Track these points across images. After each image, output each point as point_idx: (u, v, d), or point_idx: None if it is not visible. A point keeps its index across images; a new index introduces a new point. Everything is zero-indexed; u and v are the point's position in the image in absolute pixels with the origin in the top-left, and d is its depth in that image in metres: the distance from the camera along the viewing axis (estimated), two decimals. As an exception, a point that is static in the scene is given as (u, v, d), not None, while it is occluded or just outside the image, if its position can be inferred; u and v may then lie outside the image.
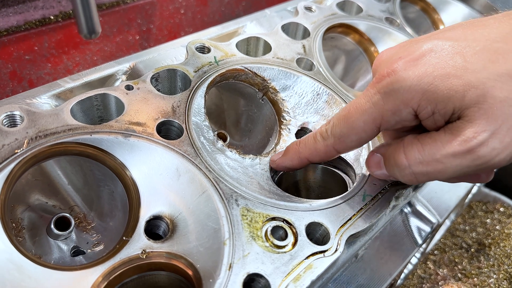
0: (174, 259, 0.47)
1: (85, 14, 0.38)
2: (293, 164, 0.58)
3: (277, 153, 0.61)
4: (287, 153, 0.58)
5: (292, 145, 0.58)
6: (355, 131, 0.50)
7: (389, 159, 0.50)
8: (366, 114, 0.48)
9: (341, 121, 0.51)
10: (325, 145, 0.53)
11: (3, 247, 0.43)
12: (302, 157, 0.56)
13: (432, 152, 0.46)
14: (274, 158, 0.60)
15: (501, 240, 1.08)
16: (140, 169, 0.51)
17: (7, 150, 0.47)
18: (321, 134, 0.54)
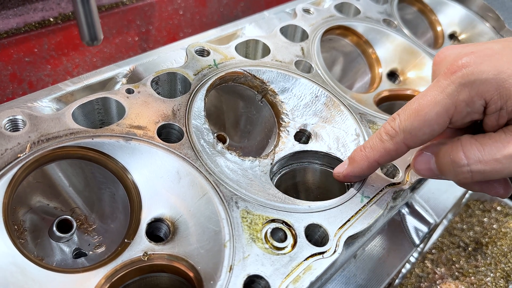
0: (176, 261, 0.48)
1: (87, 21, 0.39)
2: (363, 171, 0.56)
3: (341, 165, 0.58)
4: (354, 162, 0.56)
5: (356, 153, 0.56)
6: (428, 124, 0.50)
7: (444, 157, 0.51)
8: (439, 105, 0.48)
9: (411, 115, 0.50)
10: (395, 142, 0.52)
11: (7, 250, 0.43)
12: (371, 161, 0.55)
13: (493, 152, 0.47)
14: (340, 170, 0.58)
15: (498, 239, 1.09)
16: (141, 172, 0.52)
17: (10, 154, 0.48)
18: (387, 133, 0.53)
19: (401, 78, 0.84)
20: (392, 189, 0.58)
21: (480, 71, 0.47)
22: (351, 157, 0.57)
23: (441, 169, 0.52)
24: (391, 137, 0.52)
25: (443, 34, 0.96)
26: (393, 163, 0.60)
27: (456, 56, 0.50)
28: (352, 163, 0.56)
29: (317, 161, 0.66)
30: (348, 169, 0.57)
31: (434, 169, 0.53)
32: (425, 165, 0.53)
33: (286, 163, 0.66)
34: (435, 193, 0.72)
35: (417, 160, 0.54)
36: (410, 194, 0.65)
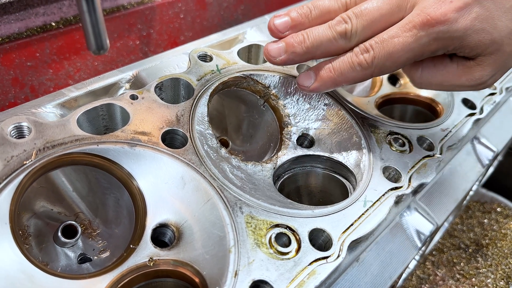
0: (181, 267, 0.48)
1: (94, 30, 0.39)
2: (327, 89, 0.61)
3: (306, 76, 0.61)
4: (321, 80, 0.59)
5: (325, 72, 0.59)
6: (396, 64, 0.56)
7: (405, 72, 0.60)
8: (411, 52, 0.55)
9: (385, 55, 0.55)
10: (363, 74, 0.57)
11: (15, 257, 0.44)
12: (337, 84, 0.59)
13: (442, 80, 0.58)
14: (306, 83, 0.60)
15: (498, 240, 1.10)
16: (146, 178, 0.52)
17: (16, 161, 0.48)
18: (360, 64, 0.56)
19: (402, 81, 0.85)
20: (395, 193, 0.58)
21: (454, 30, 0.53)
22: (319, 74, 0.60)
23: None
24: (363, 69, 0.57)
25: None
26: (395, 167, 0.61)
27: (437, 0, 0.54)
28: (320, 81, 0.59)
29: (319, 165, 0.67)
30: (315, 85, 0.60)
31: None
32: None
33: (289, 167, 0.66)
34: (436, 197, 0.73)
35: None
36: (412, 198, 0.65)
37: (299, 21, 0.60)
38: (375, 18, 0.57)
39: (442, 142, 0.68)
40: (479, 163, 0.84)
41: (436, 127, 0.70)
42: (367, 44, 0.56)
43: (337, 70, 0.58)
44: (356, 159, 0.63)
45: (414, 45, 0.54)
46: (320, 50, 0.59)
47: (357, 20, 0.57)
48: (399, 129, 0.67)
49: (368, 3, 0.58)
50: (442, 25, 0.53)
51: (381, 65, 0.56)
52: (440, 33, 0.53)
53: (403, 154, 0.64)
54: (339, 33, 0.57)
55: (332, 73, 0.58)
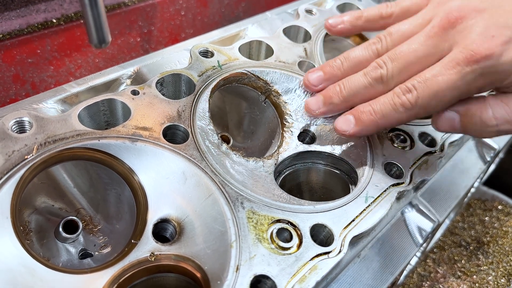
0: (182, 262, 0.48)
1: (96, 24, 0.39)
2: (369, 133, 0.59)
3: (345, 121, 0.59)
4: (362, 123, 0.57)
5: (365, 115, 0.57)
6: (442, 103, 0.54)
7: (472, 117, 0.54)
8: (457, 90, 0.52)
9: (430, 94, 0.53)
10: (408, 115, 0.55)
11: (16, 251, 0.44)
12: (380, 127, 0.57)
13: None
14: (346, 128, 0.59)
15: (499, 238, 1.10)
16: (147, 173, 0.52)
17: (17, 156, 0.48)
18: (403, 105, 0.54)
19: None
20: (396, 189, 0.58)
21: (501, 63, 0.50)
22: (359, 118, 0.58)
23: (467, 127, 0.55)
24: (407, 110, 0.54)
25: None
26: (397, 163, 0.61)
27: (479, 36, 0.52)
28: (360, 125, 0.58)
29: (320, 161, 0.66)
30: (355, 130, 0.58)
31: (457, 127, 0.56)
32: (449, 123, 0.56)
33: (290, 163, 0.66)
34: (437, 193, 0.73)
35: (441, 118, 0.56)
36: (413, 194, 0.65)
37: (332, 73, 0.62)
38: (411, 60, 0.56)
39: (443, 139, 0.68)
40: (480, 160, 0.84)
41: (438, 123, 0.70)
42: (409, 84, 0.54)
43: (378, 113, 0.56)
44: (357, 155, 0.63)
45: (460, 82, 0.52)
46: (358, 98, 0.58)
47: (392, 64, 0.56)
48: (400, 126, 0.67)
49: (403, 46, 0.57)
50: (487, 60, 0.50)
51: (426, 104, 0.54)
52: (486, 68, 0.51)
53: (405, 151, 0.64)
54: (374, 79, 0.57)
55: (373, 116, 0.56)
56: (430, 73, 0.53)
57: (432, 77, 0.53)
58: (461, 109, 0.55)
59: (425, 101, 0.53)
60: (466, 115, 0.55)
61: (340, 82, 0.60)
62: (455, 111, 0.55)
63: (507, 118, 0.53)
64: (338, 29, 0.69)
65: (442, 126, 0.57)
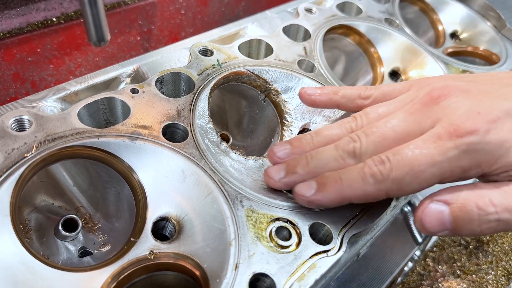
0: (181, 260, 0.48)
1: (95, 22, 0.39)
2: (331, 204, 0.51)
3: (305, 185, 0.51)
4: (325, 189, 0.50)
5: (329, 180, 0.50)
6: (418, 181, 0.46)
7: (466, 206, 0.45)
8: (436, 167, 0.46)
9: (405, 167, 0.46)
10: (377, 189, 0.47)
11: (15, 249, 0.44)
12: (344, 198, 0.50)
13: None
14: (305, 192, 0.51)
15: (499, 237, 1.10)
16: (147, 172, 0.52)
17: (17, 154, 0.48)
18: (373, 175, 0.47)
19: (403, 77, 0.85)
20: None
21: (486, 142, 0.45)
22: (321, 183, 0.50)
23: (459, 221, 0.45)
24: (377, 182, 0.47)
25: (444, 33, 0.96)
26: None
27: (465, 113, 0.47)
28: (322, 190, 0.50)
29: (320, 160, 0.66)
30: (316, 197, 0.50)
31: (447, 222, 0.46)
32: (436, 217, 0.46)
33: (290, 162, 0.66)
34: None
35: (427, 213, 0.47)
36: (412, 193, 0.65)
37: (300, 147, 0.55)
38: (388, 135, 0.50)
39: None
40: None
41: (437, 122, 0.70)
42: (383, 156, 0.48)
43: (345, 181, 0.49)
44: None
45: (440, 158, 0.45)
46: (326, 170, 0.51)
47: (367, 139, 0.50)
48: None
49: (380, 122, 0.51)
50: (472, 135, 0.45)
51: (399, 179, 0.46)
52: (471, 145, 0.45)
53: (404, 149, 0.64)
54: (346, 152, 0.51)
55: (338, 184, 0.49)
56: (407, 147, 0.47)
57: (408, 150, 0.46)
58: (449, 198, 0.46)
59: (399, 174, 0.46)
60: (457, 204, 0.45)
61: (308, 153, 0.54)
62: (443, 202, 0.46)
63: (506, 204, 0.44)
64: (312, 99, 0.61)
65: (429, 222, 0.47)
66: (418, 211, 0.48)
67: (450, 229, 0.46)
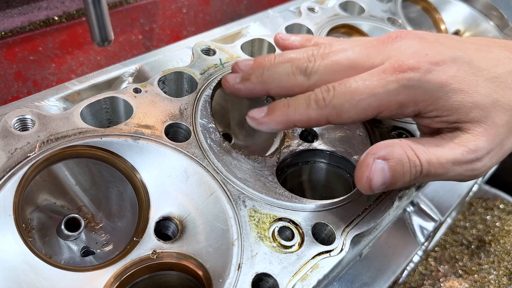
0: (184, 260, 0.48)
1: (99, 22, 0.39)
2: (278, 127, 0.55)
3: (258, 110, 0.56)
4: (273, 113, 0.54)
5: (278, 105, 0.55)
6: (355, 109, 0.50)
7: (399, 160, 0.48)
8: (375, 97, 0.49)
9: (345, 95, 0.50)
10: (318, 114, 0.52)
11: (19, 249, 0.44)
12: (289, 120, 0.54)
13: (437, 155, 0.48)
14: (256, 115, 0.56)
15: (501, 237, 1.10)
16: (150, 171, 0.52)
17: (20, 153, 0.48)
18: (316, 101, 0.52)
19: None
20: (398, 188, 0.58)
21: (427, 80, 0.48)
22: (271, 107, 0.55)
23: (396, 174, 0.48)
24: (319, 108, 0.51)
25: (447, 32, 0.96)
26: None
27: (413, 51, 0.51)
28: (271, 115, 0.55)
29: (322, 160, 0.67)
30: (265, 119, 0.55)
31: (387, 177, 0.48)
32: (381, 174, 0.48)
33: (292, 162, 0.66)
34: (439, 192, 0.73)
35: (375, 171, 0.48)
36: (415, 193, 0.65)
37: (261, 63, 0.59)
38: (340, 62, 0.53)
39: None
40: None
41: (440, 122, 0.70)
42: (330, 85, 0.52)
43: (291, 105, 0.53)
44: (359, 154, 0.63)
45: (380, 89, 0.49)
46: (276, 83, 0.56)
47: (321, 61, 0.54)
48: (402, 124, 0.67)
49: (338, 51, 0.55)
50: (414, 72, 0.48)
51: (339, 106, 0.50)
52: (412, 81, 0.48)
53: (407, 149, 0.64)
54: (298, 68, 0.55)
55: (285, 108, 0.54)
56: (353, 78, 0.51)
57: (353, 81, 0.50)
58: (386, 154, 0.48)
59: (340, 101, 0.50)
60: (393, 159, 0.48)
61: (265, 66, 0.58)
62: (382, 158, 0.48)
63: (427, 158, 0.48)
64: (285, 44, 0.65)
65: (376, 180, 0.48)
66: (366, 170, 0.48)
67: (388, 184, 0.49)
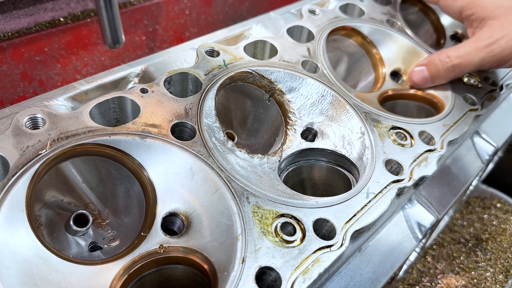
0: (190, 254, 0.50)
1: (110, 25, 0.41)
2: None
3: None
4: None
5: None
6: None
7: (433, 61, 0.78)
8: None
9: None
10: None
11: (31, 242, 0.46)
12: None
13: (465, 49, 0.76)
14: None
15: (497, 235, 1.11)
16: (156, 169, 0.54)
17: (32, 151, 0.50)
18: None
19: (404, 77, 0.86)
20: (396, 185, 0.60)
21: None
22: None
23: (433, 73, 0.78)
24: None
25: (445, 35, 0.97)
26: (397, 161, 0.63)
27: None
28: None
29: (323, 158, 0.68)
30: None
31: (427, 76, 0.79)
32: (421, 75, 0.79)
33: (293, 160, 0.68)
34: (437, 190, 0.75)
35: (414, 74, 0.80)
36: (413, 190, 0.67)
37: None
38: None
39: (443, 137, 0.69)
40: (479, 158, 0.86)
41: (438, 122, 0.72)
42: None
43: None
44: (359, 153, 0.65)
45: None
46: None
47: None
48: (401, 123, 0.69)
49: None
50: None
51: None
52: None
53: (405, 148, 0.65)
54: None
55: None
56: None
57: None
58: (425, 62, 0.79)
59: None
60: (429, 62, 0.78)
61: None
62: (422, 65, 0.79)
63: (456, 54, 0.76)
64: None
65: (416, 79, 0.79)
66: (409, 75, 0.82)
67: (430, 81, 0.80)
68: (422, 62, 0.79)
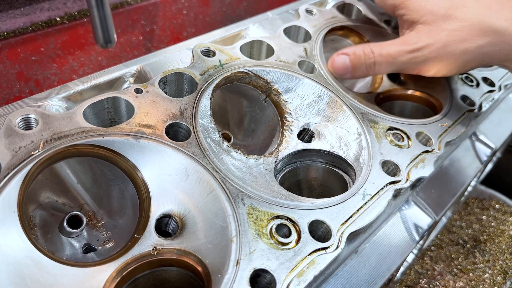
0: (184, 256, 0.49)
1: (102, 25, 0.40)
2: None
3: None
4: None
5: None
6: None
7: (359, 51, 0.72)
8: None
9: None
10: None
11: (23, 244, 0.45)
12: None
13: (389, 50, 0.71)
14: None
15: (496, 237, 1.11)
16: (150, 170, 0.53)
17: (24, 152, 0.49)
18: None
19: (402, 78, 0.86)
20: (393, 186, 0.59)
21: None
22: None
23: (355, 64, 0.72)
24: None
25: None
26: (394, 162, 0.62)
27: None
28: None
29: (319, 159, 0.68)
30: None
31: (348, 67, 0.73)
32: (342, 64, 0.73)
33: (290, 161, 0.67)
34: (434, 191, 0.74)
35: (335, 61, 0.73)
36: (410, 192, 0.66)
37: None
38: None
39: (440, 138, 0.69)
40: (477, 159, 0.86)
41: (435, 123, 0.72)
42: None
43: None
44: (355, 154, 0.64)
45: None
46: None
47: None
48: (398, 124, 0.68)
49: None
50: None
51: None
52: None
53: (402, 149, 0.65)
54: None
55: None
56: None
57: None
58: (348, 50, 0.73)
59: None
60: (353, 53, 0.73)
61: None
62: (345, 54, 0.73)
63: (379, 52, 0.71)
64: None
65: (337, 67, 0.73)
66: (330, 61, 0.75)
67: (350, 72, 0.73)
68: (346, 51, 0.73)
